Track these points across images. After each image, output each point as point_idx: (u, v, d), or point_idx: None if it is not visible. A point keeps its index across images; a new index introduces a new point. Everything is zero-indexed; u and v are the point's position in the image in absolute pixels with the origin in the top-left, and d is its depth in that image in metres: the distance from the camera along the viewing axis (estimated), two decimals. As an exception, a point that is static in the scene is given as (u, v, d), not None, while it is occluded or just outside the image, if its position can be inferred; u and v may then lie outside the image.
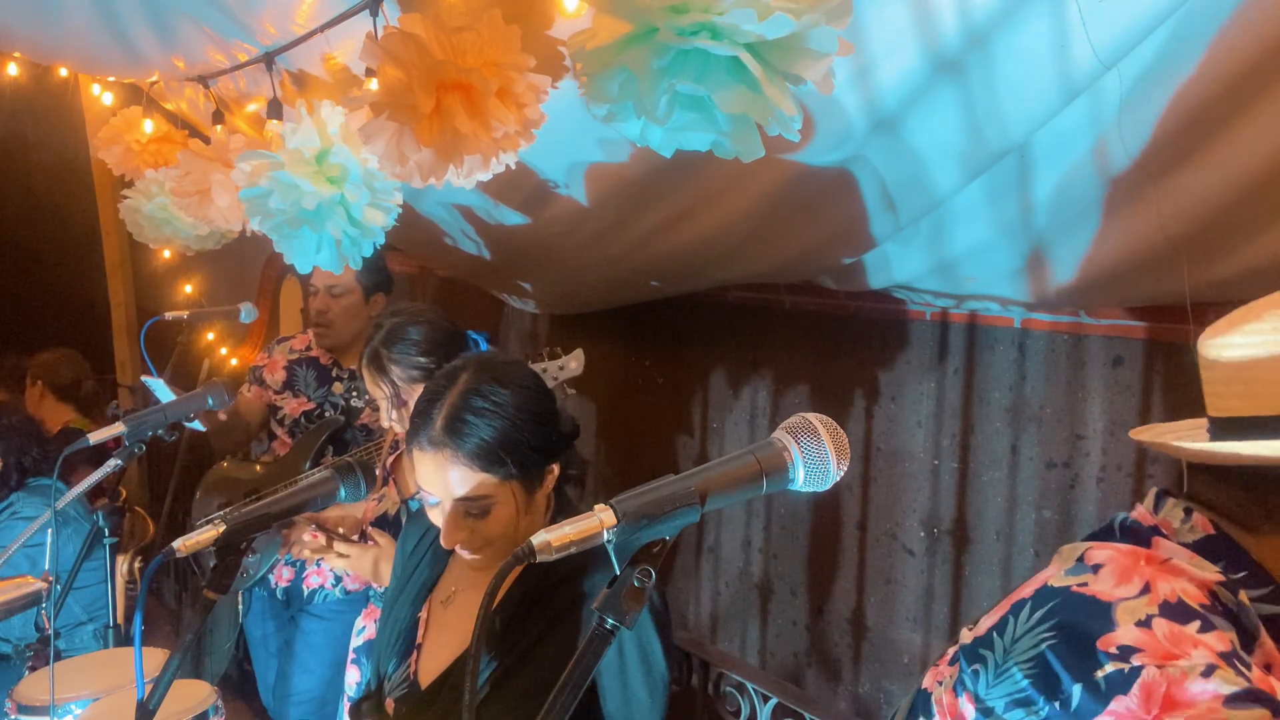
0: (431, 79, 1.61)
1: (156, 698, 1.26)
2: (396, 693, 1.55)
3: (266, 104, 2.32)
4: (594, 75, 1.39)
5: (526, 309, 3.99)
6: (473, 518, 1.45)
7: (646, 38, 1.33)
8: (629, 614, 0.84)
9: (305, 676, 2.91)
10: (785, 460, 0.91)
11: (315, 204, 1.96)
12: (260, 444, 3.38)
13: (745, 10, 1.26)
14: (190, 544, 1.30)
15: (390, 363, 2.10)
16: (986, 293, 2.43)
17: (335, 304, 3.08)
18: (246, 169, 2.01)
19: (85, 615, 2.94)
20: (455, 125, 1.61)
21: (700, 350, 3.42)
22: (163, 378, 2.80)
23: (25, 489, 2.94)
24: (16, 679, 2.16)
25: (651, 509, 0.86)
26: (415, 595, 1.64)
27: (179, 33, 2.48)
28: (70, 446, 1.98)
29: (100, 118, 3.35)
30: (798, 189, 2.13)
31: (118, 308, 5.03)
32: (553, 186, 2.47)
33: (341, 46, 2.12)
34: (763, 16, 1.25)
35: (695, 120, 1.39)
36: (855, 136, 1.86)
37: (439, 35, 1.60)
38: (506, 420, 1.44)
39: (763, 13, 1.25)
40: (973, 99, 1.69)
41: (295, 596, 2.95)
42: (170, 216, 3.01)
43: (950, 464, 2.69)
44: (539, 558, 0.84)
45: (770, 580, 3.22)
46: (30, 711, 1.91)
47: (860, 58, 1.62)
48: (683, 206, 2.40)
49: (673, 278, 3.05)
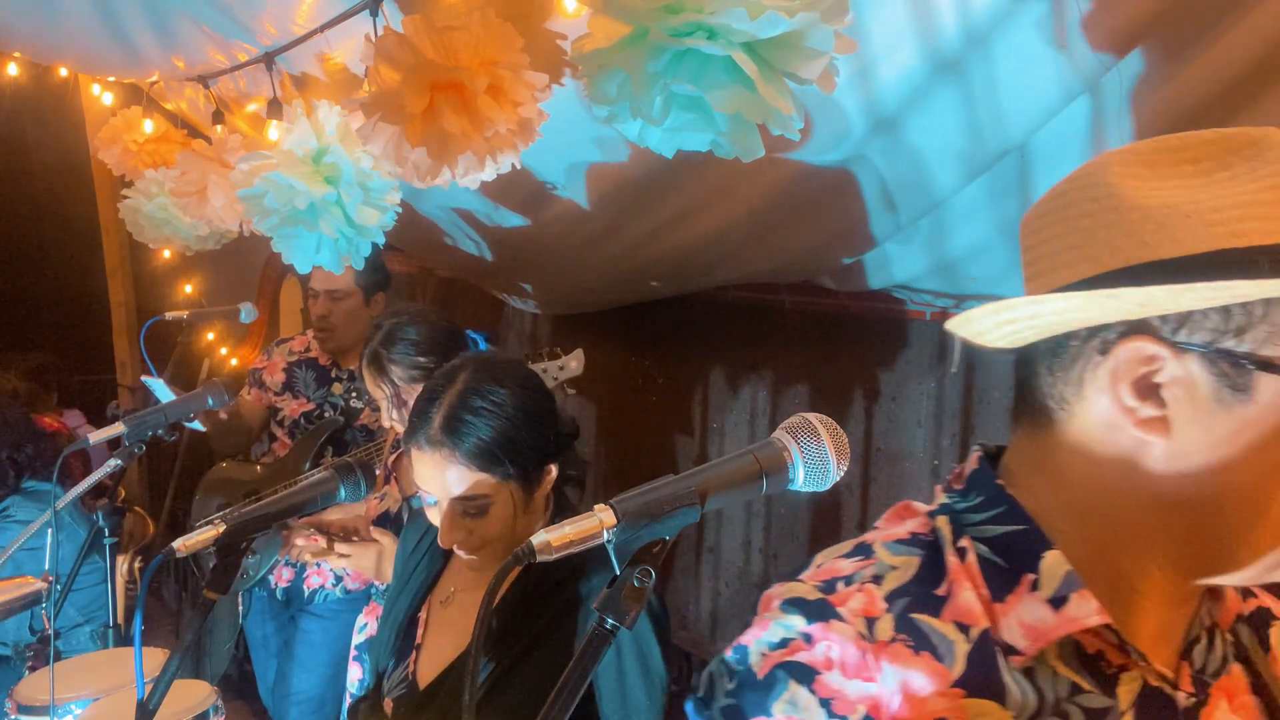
0: (422, 79, 1.60)
1: (156, 698, 1.26)
2: (395, 693, 1.55)
3: (266, 104, 2.33)
4: (593, 77, 1.39)
5: (527, 309, 3.99)
6: (470, 517, 1.45)
7: (641, 39, 1.33)
8: (629, 614, 0.84)
9: (305, 676, 2.91)
10: (785, 460, 0.91)
11: (308, 203, 1.97)
12: (260, 445, 3.38)
13: (738, 10, 1.25)
14: (190, 544, 1.30)
15: (390, 363, 2.10)
16: (986, 293, 2.43)
17: (337, 308, 3.07)
18: (245, 169, 2.01)
19: (81, 617, 2.94)
20: (443, 125, 1.61)
21: (700, 350, 3.42)
22: (163, 378, 2.80)
23: (21, 493, 2.93)
24: (16, 679, 2.16)
25: (651, 509, 0.86)
26: (415, 595, 1.64)
27: (179, 33, 2.48)
28: (70, 446, 1.98)
29: (100, 118, 3.35)
30: (798, 189, 2.13)
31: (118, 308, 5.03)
32: (552, 187, 2.47)
33: (341, 47, 2.12)
34: (755, 15, 1.25)
35: (692, 121, 1.39)
36: (855, 136, 1.86)
37: (431, 35, 1.60)
38: (505, 420, 1.44)
39: (755, 11, 1.25)
40: (973, 99, 1.69)
41: (295, 596, 2.95)
42: (170, 216, 3.01)
43: (950, 464, 2.69)
44: (539, 558, 0.84)
45: (770, 580, 3.21)
46: (30, 711, 1.91)
47: (860, 58, 1.62)
48: (683, 206, 2.40)
49: (673, 278, 3.05)
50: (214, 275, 4.44)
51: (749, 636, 0.79)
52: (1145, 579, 0.79)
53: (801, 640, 0.77)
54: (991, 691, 0.75)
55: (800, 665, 0.75)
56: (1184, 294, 0.70)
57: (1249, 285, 0.69)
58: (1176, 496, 0.75)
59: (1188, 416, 0.74)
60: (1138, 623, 0.80)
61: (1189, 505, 0.75)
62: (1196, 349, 0.73)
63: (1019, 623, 0.77)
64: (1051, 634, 0.76)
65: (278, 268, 4.78)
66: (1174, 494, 0.75)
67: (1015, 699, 0.75)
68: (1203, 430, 0.73)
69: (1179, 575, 0.79)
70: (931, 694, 0.75)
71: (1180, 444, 0.74)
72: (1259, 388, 0.72)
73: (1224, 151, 0.75)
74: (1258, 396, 0.72)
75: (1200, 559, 0.77)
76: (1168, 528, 0.77)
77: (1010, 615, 0.77)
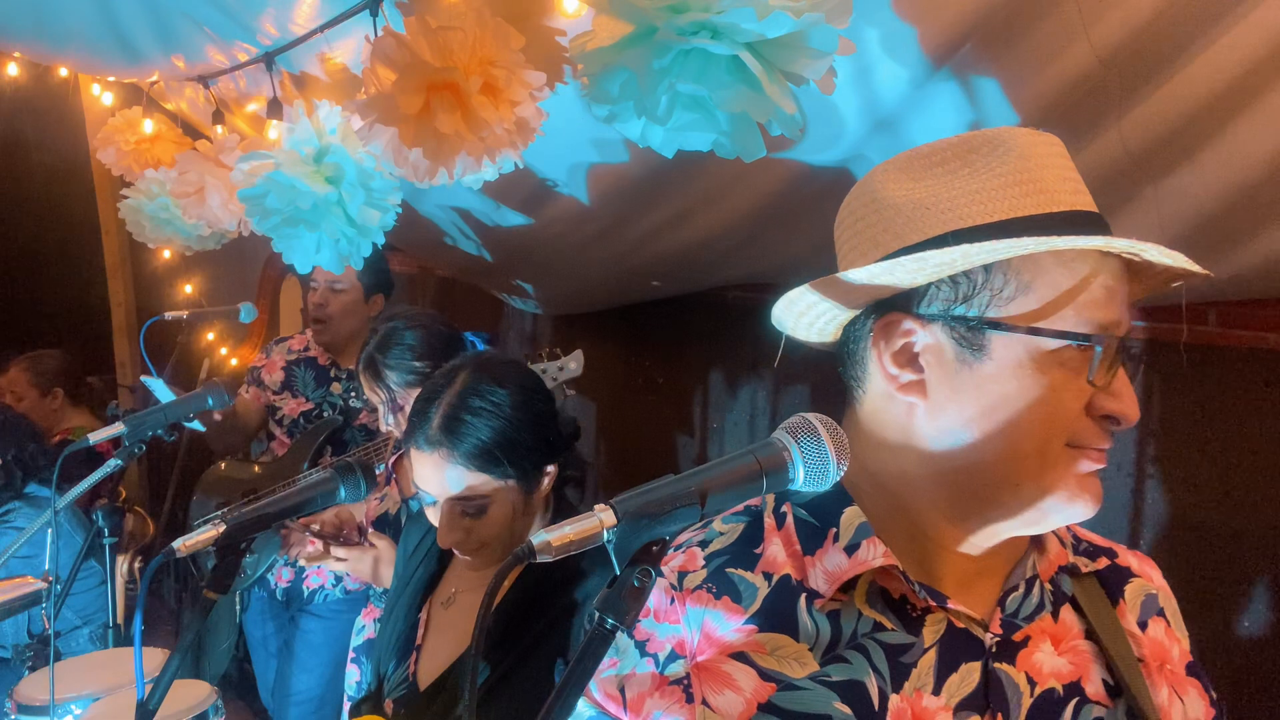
0: (417, 80, 1.60)
1: (156, 698, 1.26)
2: (395, 694, 1.55)
3: (266, 104, 2.32)
4: (594, 76, 1.39)
5: (527, 309, 3.98)
6: (469, 518, 1.45)
7: (646, 37, 1.33)
8: (629, 614, 0.84)
9: (305, 676, 2.91)
10: (785, 460, 0.90)
11: (311, 204, 1.96)
12: (259, 444, 3.38)
13: (745, 9, 1.25)
14: (190, 544, 1.29)
15: (385, 368, 2.10)
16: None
17: (335, 299, 3.07)
18: (245, 169, 2.01)
19: (79, 619, 2.94)
20: (437, 126, 1.60)
21: (700, 350, 3.41)
22: (163, 378, 2.81)
23: (24, 499, 2.93)
24: (16, 679, 2.16)
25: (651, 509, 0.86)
26: (415, 596, 1.64)
27: (179, 33, 2.48)
28: (70, 446, 1.98)
29: (100, 118, 3.34)
30: (798, 189, 2.13)
31: (118, 308, 5.03)
32: (553, 186, 2.47)
33: (341, 47, 2.12)
34: (762, 15, 1.25)
35: (696, 120, 1.39)
36: (854, 136, 1.86)
37: (427, 35, 1.59)
38: (503, 420, 1.43)
39: (762, 11, 1.25)
40: (973, 99, 1.69)
41: (295, 596, 2.95)
42: (170, 216, 3.01)
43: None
44: (539, 558, 0.84)
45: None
46: (30, 711, 1.90)
47: (860, 58, 1.62)
48: (683, 206, 2.40)
49: (673, 278, 3.05)
50: (214, 275, 4.44)
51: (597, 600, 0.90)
52: (937, 530, 0.88)
53: None
54: (785, 627, 0.86)
55: None
56: (899, 265, 0.81)
57: (939, 253, 0.80)
58: (943, 452, 0.85)
59: (939, 378, 0.85)
60: (942, 571, 0.89)
61: (953, 458, 0.85)
62: (936, 318, 0.84)
63: (822, 570, 0.88)
64: (844, 575, 0.86)
65: (278, 267, 4.78)
66: (941, 450, 0.85)
67: (808, 632, 0.85)
68: (952, 389, 0.84)
69: (964, 524, 0.87)
70: (729, 630, 0.86)
71: (936, 403, 0.85)
72: (993, 346, 0.82)
73: (966, 151, 0.86)
74: (993, 354, 0.82)
75: (974, 508, 0.86)
76: (942, 482, 0.86)
77: (817, 565, 0.88)
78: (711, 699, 0.84)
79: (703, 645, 0.86)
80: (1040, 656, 0.89)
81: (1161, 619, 0.99)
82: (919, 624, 0.87)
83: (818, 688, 0.83)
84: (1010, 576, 0.92)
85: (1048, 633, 0.91)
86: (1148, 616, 0.98)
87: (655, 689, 0.85)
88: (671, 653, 0.86)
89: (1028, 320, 0.82)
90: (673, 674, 0.86)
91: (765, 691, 0.84)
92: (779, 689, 0.84)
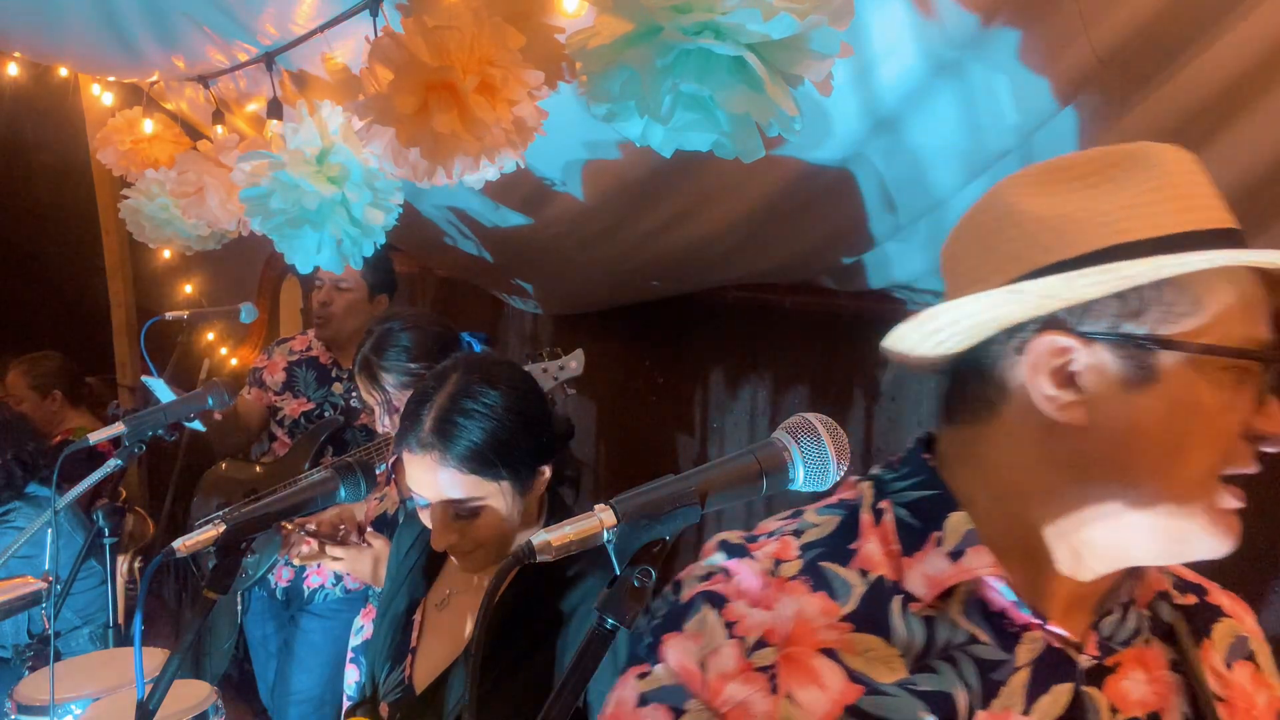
0: (413, 80, 1.60)
1: (156, 698, 1.26)
2: (391, 696, 1.54)
3: (266, 104, 2.32)
4: (595, 74, 1.39)
5: (527, 309, 3.99)
6: (462, 520, 1.44)
7: (649, 37, 1.33)
8: (629, 614, 0.84)
9: (305, 676, 2.91)
10: (785, 460, 0.91)
11: (316, 204, 1.96)
12: (260, 445, 3.38)
13: (750, 10, 1.25)
14: (190, 544, 1.29)
15: (381, 370, 2.09)
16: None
17: (339, 297, 3.08)
18: (247, 169, 2.01)
19: (79, 620, 2.94)
20: (432, 125, 1.60)
21: (700, 350, 3.41)
22: (163, 378, 2.80)
23: (25, 499, 2.93)
24: (16, 680, 2.16)
25: (651, 509, 0.86)
26: (410, 598, 1.63)
27: (179, 33, 2.48)
28: (70, 446, 1.98)
29: (100, 118, 3.35)
30: (798, 189, 2.13)
31: (118, 308, 5.02)
32: (552, 186, 2.47)
33: (341, 47, 2.12)
34: (767, 16, 1.25)
35: (697, 120, 1.39)
36: (855, 136, 1.86)
37: (424, 35, 1.59)
38: (496, 422, 1.42)
39: (767, 13, 1.25)
40: (973, 99, 1.69)
41: (295, 596, 2.95)
42: (171, 216, 3.01)
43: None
44: (539, 558, 0.84)
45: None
46: (30, 711, 1.91)
47: (860, 58, 1.62)
48: (683, 206, 2.40)
49: (673, 278, 3.05)
50: (214, 275, 4.44)
51: (684, 572, 0.90)
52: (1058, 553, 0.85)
53: (721, 574, 0.87)
54: (877, 628, 0.83)
55: (715, 594, 0.86)
56: (1077, 279, 0.77)
57: (1129, 265, 0.76)
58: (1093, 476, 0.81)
59: (1102, 399, 0.80)
60: (1049, 592, 0.86)
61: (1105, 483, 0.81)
62: (1101, 336, 0.80)
63: (922, 574, 0.85)
64: (946, 581, 0.83)
65: (278, 267, 4.77)
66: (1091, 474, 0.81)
67: (901, 638, 0.83)
68: (1114, 411, 0.80)
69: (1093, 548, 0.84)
70: (822, 625, 0.84)
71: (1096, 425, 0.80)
72: (1162, 366, 0.78)
73: (1106, 166, 0.83)
74: (1161, 374, 0.78)
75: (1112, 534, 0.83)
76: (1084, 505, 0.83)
77: (916, 568, 0.85)
78: (796, 693, 0.82)
79: (795, 636, 0.84)
80: (1128, 684, 0.87)
81: (1250, 663, 0.96)
82: (1014, 641, 0.85)
83: (905, 695, 0.82)
84: (1105, 599, 0.89)
85: (1139, 660, 0.89)
86: (1235, 659, 0.95)
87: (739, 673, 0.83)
88: (761, 639, 0.84)
89: (1198, 338, 0.78)
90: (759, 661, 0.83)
91: (853, 694, 0.82)
92: (866, 693, 0.82)
